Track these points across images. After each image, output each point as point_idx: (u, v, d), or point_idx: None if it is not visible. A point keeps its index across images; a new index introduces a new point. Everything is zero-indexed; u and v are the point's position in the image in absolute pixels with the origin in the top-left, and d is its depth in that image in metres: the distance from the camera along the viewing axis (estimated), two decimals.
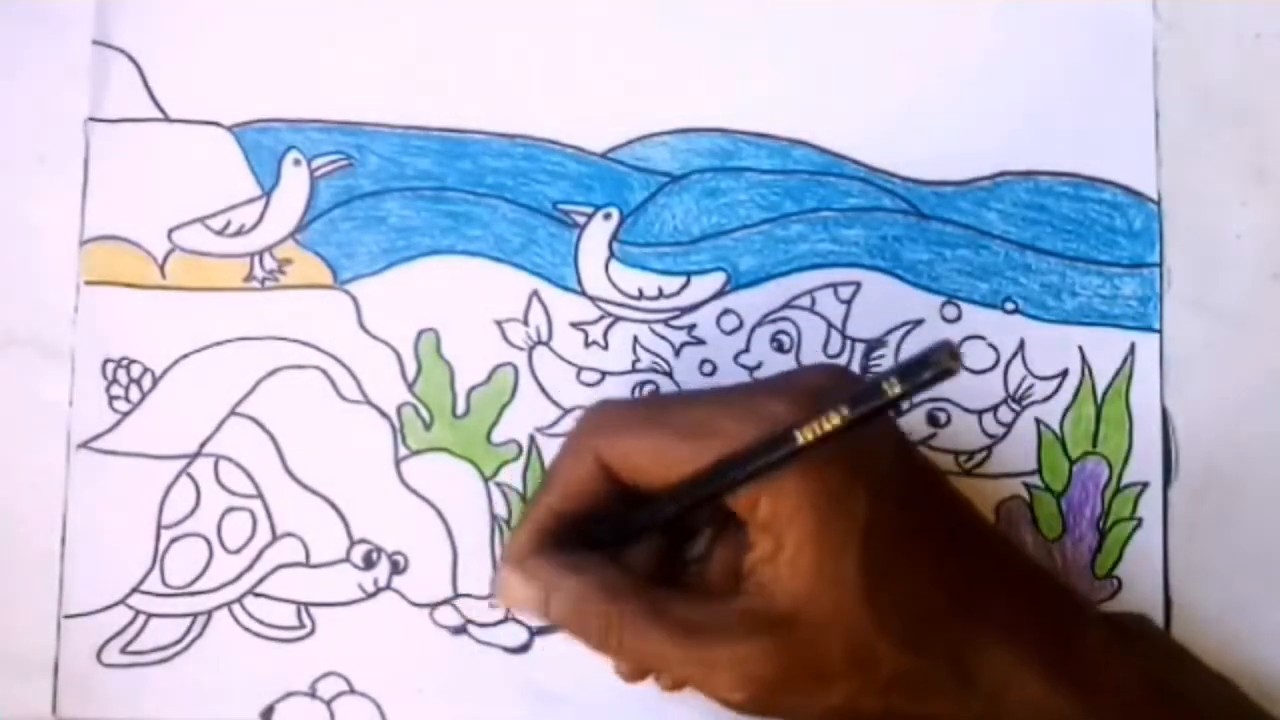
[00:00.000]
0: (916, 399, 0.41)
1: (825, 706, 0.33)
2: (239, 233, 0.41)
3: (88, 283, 0.40)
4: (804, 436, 0.31)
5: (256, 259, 0.41)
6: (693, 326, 0.41)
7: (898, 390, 0.30)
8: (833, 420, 0.31)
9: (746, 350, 0.41)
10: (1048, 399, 0.41)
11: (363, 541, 0.40)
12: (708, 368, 0.41)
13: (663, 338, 0.41)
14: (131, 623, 0.39)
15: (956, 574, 0.34)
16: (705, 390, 0.40)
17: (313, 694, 0.39)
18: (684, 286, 0.41)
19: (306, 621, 0.40)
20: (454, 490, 0.40)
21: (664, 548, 0.37)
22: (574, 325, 0.41)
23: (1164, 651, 0.37)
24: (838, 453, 0.32)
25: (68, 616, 0.39)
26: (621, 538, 0.36)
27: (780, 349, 0.41)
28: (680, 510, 0.34)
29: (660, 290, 0.41)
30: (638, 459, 0.34)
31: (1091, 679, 0.34)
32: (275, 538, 0.40)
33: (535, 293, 0.41)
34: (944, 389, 0.41)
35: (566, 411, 0.40)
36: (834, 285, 0.41)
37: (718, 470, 0.33)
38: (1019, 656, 0.33)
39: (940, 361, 0.29)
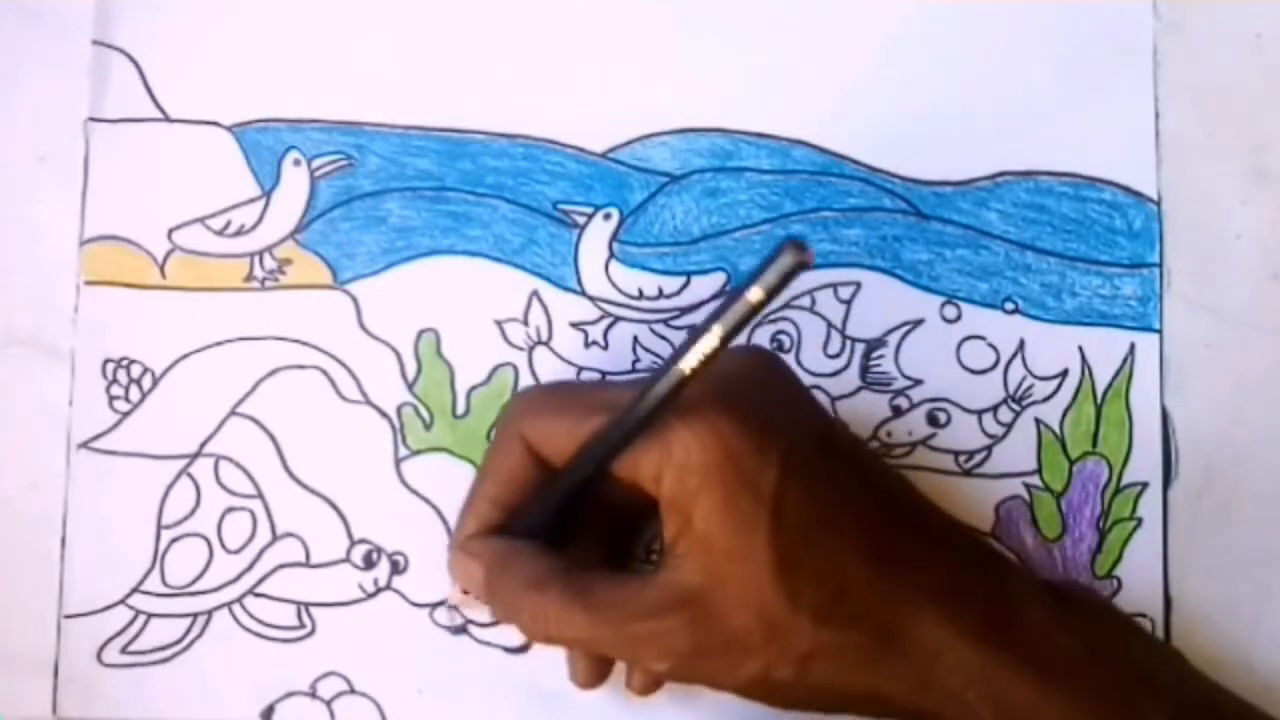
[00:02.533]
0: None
1: (743, 678, 0.33)
2: (239, 233, 0.41)
3: (88, 283, 0.40)
4: (687, 366, 0.31)
5: (256, 259, 0.41)
6: (693, 327, 0.41)
7: (760, 296, 0.30)
8: (710, 343, 0.31)
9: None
10: (1048, 399, 0.41)
11: (363, 541, 0.40)
12: None
13: (663, 338, 0.41)
14: (131, 623, 0.39)
15: (881, 545, 0.33)
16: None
17: (313, 694, 0.39)
18: (684, 286, 0.41)
19: (306, 621, 0.40)
20: (454, 490, 0.40)
21: (610, 539, 0.37)
22: (574, 325, 0.41)
23: (1107, 619, 0.37)
24: (744, 427, 0.32)
25: (68, 616, 0.39)
26: (548, 521, 0.36)
27: (780, 349, 0.41)
28: (585, 473, 0.34)
29: (660, 290, 0.41)
30: (555, 438, 0.34)
31: (1031, 646, 0.33)
32: (275, 538, 0.40)
33: (535, 293, 0.41)
34: (944, 389, 0.41)
35: None
36: (834, 285, 0.41)
37: (614, 425, 0.33)
38: (953, 625, 0.33)
39: (788, 260, 0.29)
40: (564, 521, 0.36)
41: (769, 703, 0.34)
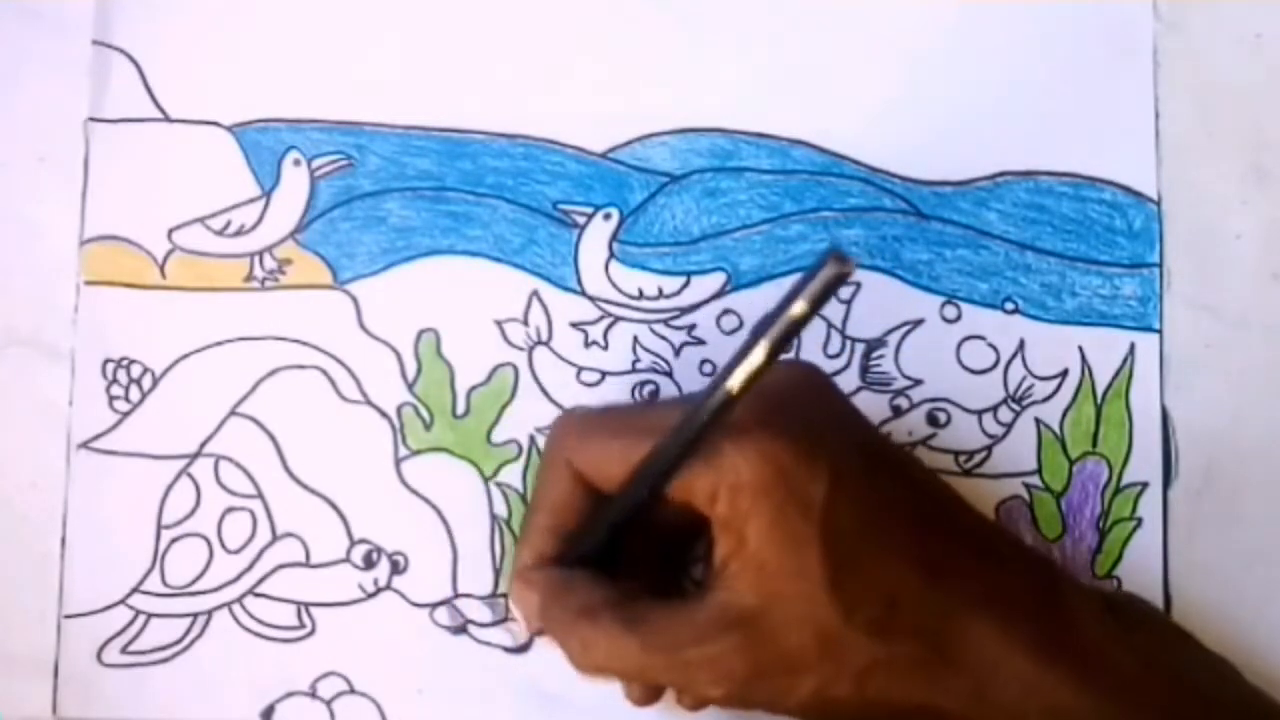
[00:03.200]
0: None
1: (800, 698, 0.33)
2: (239, 233, 0.41)
3: (88, 283, 0.40)
4: (735, 384, 0.31)
5: (256, 259, 0.41)
6: (693, 327, 0.41)
7: (803, 309, 0.29)
8: (757, 359, 0.31)
9: None
10: (1048, 399, 0.41)
11: (363, 541, 0.40)
12: (708, 368, 0.41)
13: (663, 338, 0.41)
14: (131, 623, 0.39)
15: (932, 553, 0.33)
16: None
17: (313, 694, 0.39)
18: (684, 286, 0.41)
19: (306, 621, 0.40)
20: (454, 490, 0.40)
21: (663, 563, 0.37)
22: (574, 325, 0.41)
23: (1161, 630, 0.37)
24: (793, 444, 0.32)
25: (68, 616, 0.39)
26: (601, 547, 0.35)
27: None
28: (638, 498, 0.34)
29: (660, 290, 0.41)
30: (605, 463, 0.34)
31: (1086, 656, 0.33)
32: (275, 538, 0.40)
33: (535, 293, 0.41)
34: (944, 389, 0.41)
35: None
36: None
37: (662, 450, 0.33)
38: (1007, 634, 0.33)
39: (830, 271, 0.29)
40: (618, 541, 0.36)
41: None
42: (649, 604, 0.34)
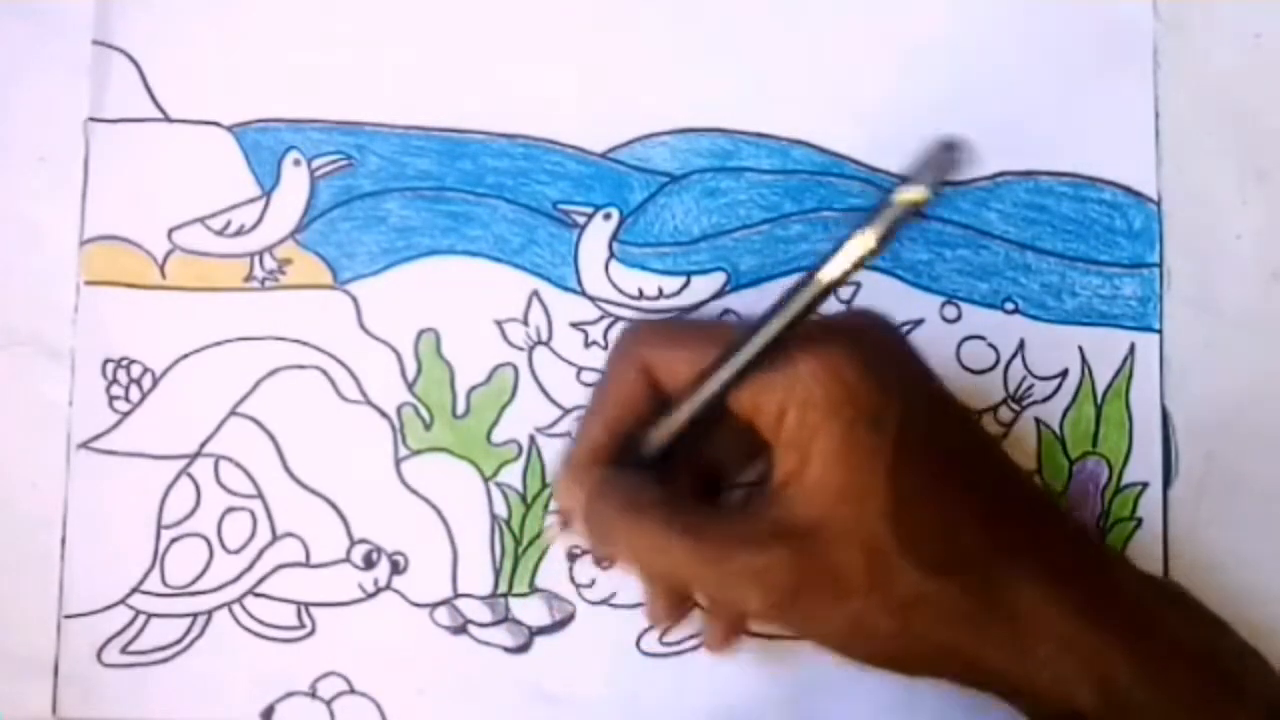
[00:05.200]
0: None
1: (841, 620, 0.32)
2: (239, 233, 0.41)
3: (88, 283, 0.40)
4: (827, 274, 0.29)
5: (256, 259, 0.41)
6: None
7: (921, 193, 0.28)
8: (857, 247, 0.29)
9: None
10: (1048, 399, 0.41)
11: (363, 541, 0.40)
12: None
13: None
14: (131, 623, 0.39)
15: (988, 506, 0.33)
16: None
17: (313, 694, 0.39)
18: (684, 286, 0.41)
19: (306, 621, 0.40)
20: (454, 490, 0.40)
21: (702, 488, 0.37)
22: (574, 325, 0.41)
23: (1202, 615, 0.37)
24: (868, 370, 0.32)
25: (68, 616, 0.39)
26: (660, 446, 0.35)
27: None
28: (706, 400, 0.33)
29: (660, 290, 0.41)
30: (676, 365, 0.34)
31: (1131, 628, 0.33)
32: (275, 538, 0.40)
33: (535, 293, 0.41)
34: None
35: (566, 411, 0.40)
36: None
37: (738, 346, 0.32)
38: (1053, 592, 0.32)
39: (939, 157, 0.27)
40: (666, 463, 0.35)
41: (860, 654, 0.34)
42: (697, 506, 0.34)
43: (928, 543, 0.32)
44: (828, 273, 0.30)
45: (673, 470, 0.36)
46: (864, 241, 0.29)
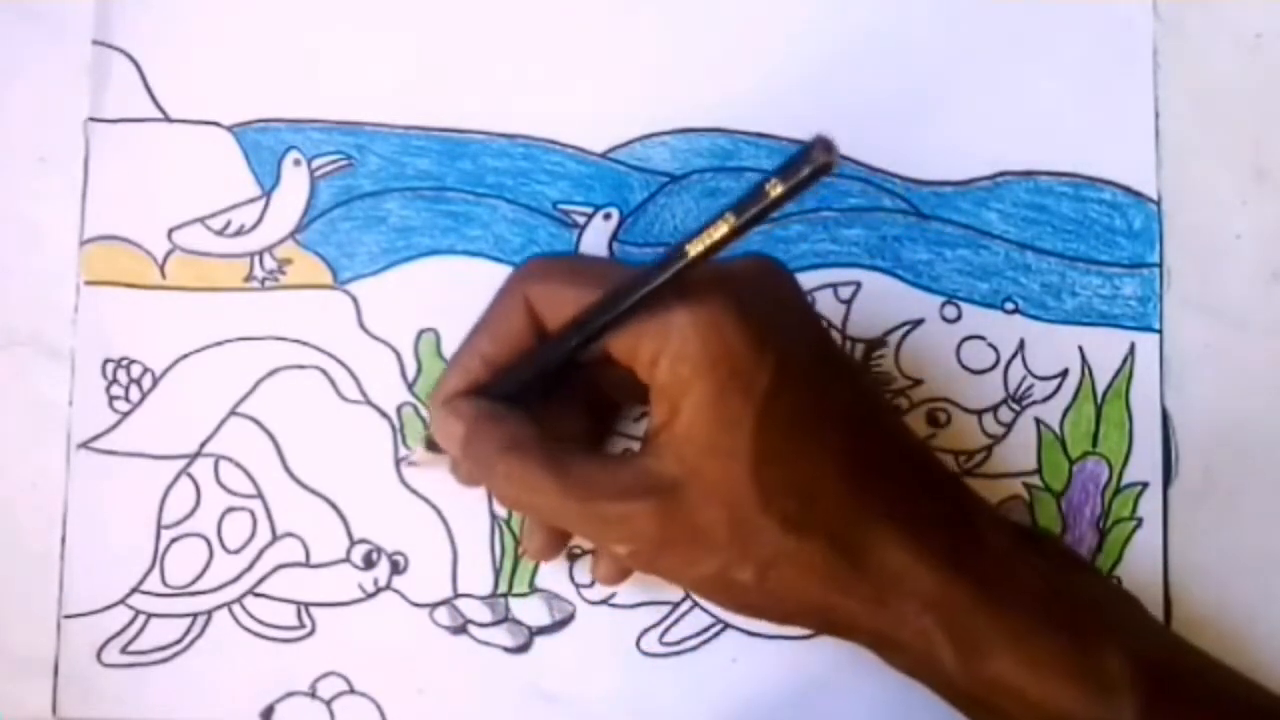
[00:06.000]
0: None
1: (702, 573, 0.33)
2: (239, 233, 0.41)
3: (88, 283, 0.40)
4: (694, 249, 0.31)
5: (256, 259, 0.41)
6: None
7: (780, 190, 0.29)
8: (720, 230, 0.30)
9: None
10: (1048, 399, 0.41)
11: (363, 541, 0.40)
12: None
13: None
14: (131, 623, 0.39)
15: (857, 461, 0.33)
16: None
17: (313, 694, 0.39)
18: None
19: (306, 621, 0.40)
20: (454, 490, 0.40)
21: (584, 428, 0.38)
22: None
23: (1071, 562, 0.37)
24: (745, 327, 0.32)
25: (68, 616, 0.39)
26: (529, 389, 0.35)
27: None
28: (578, 340, 0.33)
29: None
30: (559, 303, 0.34)
31: (993, 576, 0.34)
32: (275, 538, 0.40)
33: None
34: (944, 389, 0.41)
35: None
36: (834, 285, 0.41)
37: (615, 296, 0.33)
38: (917, 549, 0.33)
39: (815, 158, 0.28)
40: (544, 396, 0.36)
41: (724, 604, 0.35)
42: (575, 450, 0.34)
43: (790, 501, 0.32)
44: (692, 247, 0.31)
45: (557, 408, 0.36)
46: (721, 227, 0.30)
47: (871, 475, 0.34)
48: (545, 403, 0.36)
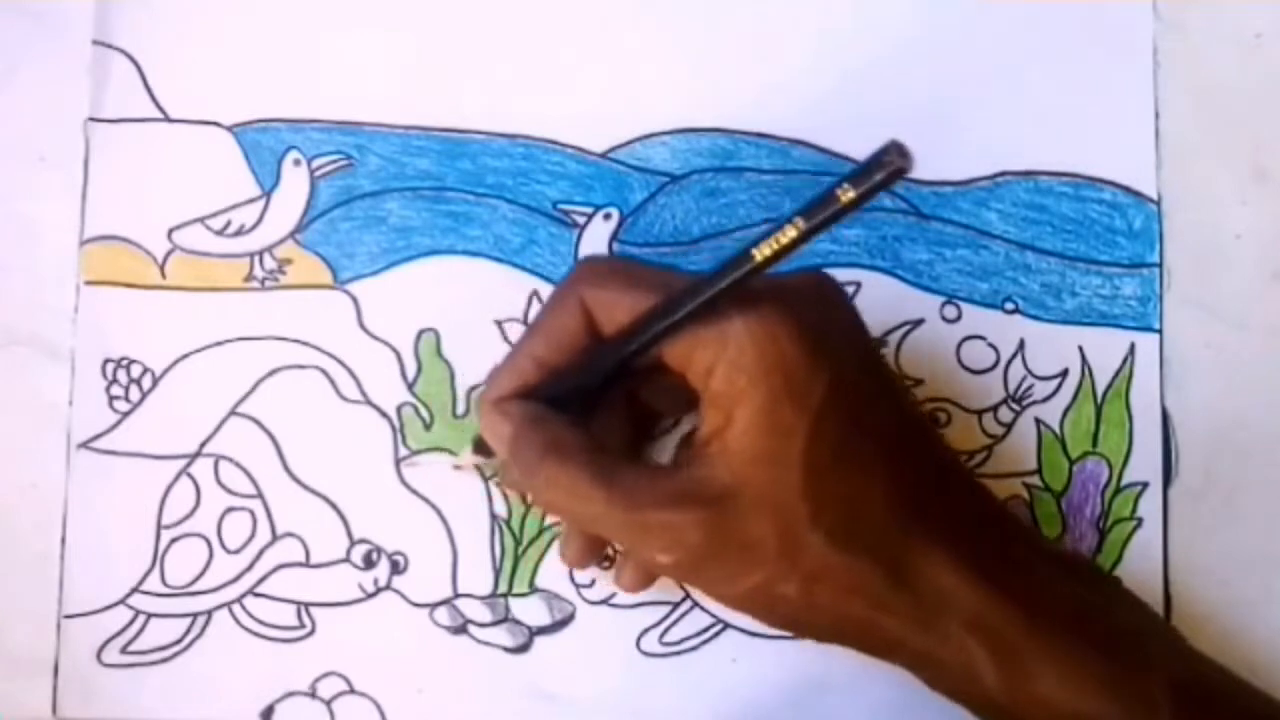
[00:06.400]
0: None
1: (746, 586, 0.33)
2: (239, 233, 0.41)
3: (88, 283, 0.40)
4: (760, 253, 0.31)
5: (256, 259, 0.41)
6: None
7: (851, 195, 0.29)
8: (788, 233, 0.30)
9: None
10: (1048, 399, 0.41)
11: (363, 541, 0.40)
12: None
13: None
14: (131, 623, 0.39)
15: (904, 480, 0.33)
16: None
17: (313, 694, 0.39)
18: None
19: (306, 621, 0.40)
20: (454, 490, 0.40)
21: (627, 434, 0.37)
22: None
23: (1110, 586, 0.37)
24: (800, 339, 0.32)
25: (68, 616, 0.39)
26: (581, 396, 0.35)
27: None
28: (635, 348, 0.33)
29: None
30: (615, 308, 0.34)
31: (1036, 599, 0.33)
32: (275, 538, 0.40)
33: (535, 293, 0.41)
34: (944, 389, 0.41)
35: None
36: None
37: (672, 302, 0.32)
38: (961, 568, 0.33)
39: (890, 162, 0.28)
40: (593, 404, 0.35)
41: (766, 619, 0.34)
42: (621, 459, 0.34)
43: (838, 517, 0.32)
44: (759, 250, 0.31)
45: (602, 415, 0.36)
46: (789, 231, 0.30)
47: (917, 493, 0.33)
48: (592, 409, 0.36)
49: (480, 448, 0.38)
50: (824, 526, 0.32)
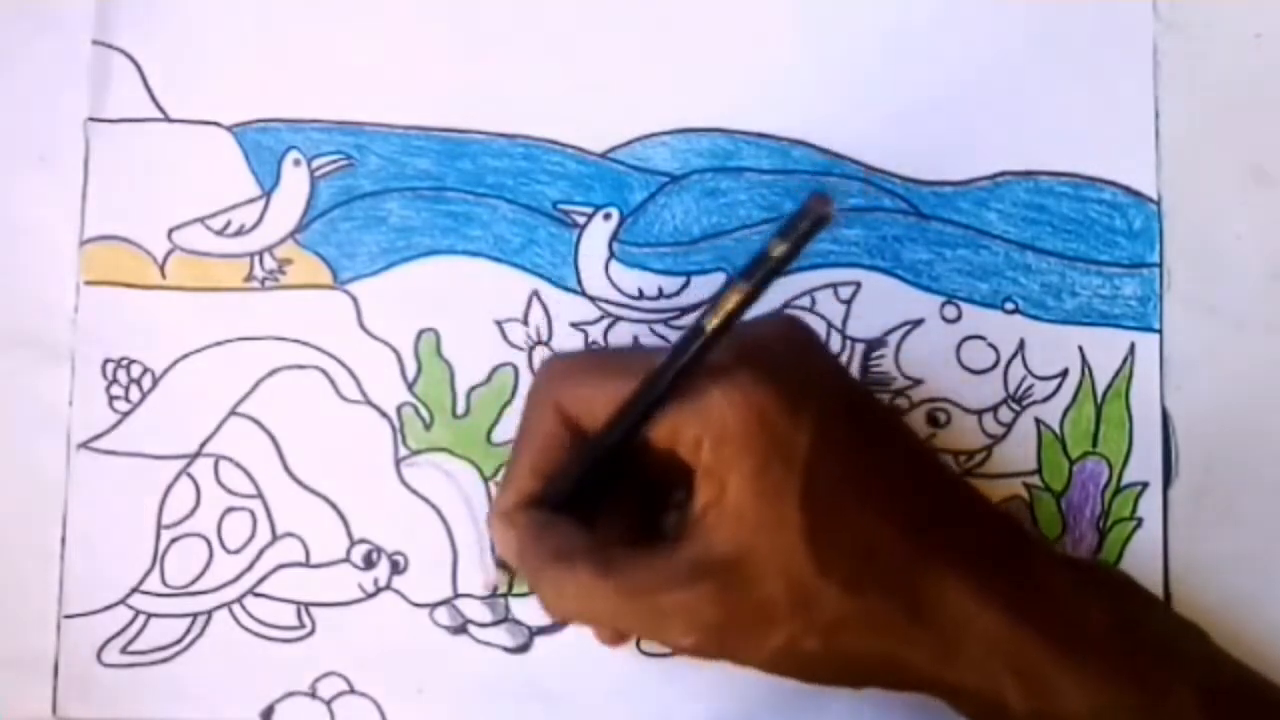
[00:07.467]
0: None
1: (769, 650, 0.33)
2: (239, 233, 0.41)
3: (88, 283, 0.40)
4: (709, 323, 0.31)
5: (256, 259, 0.41)
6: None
7: (782, 249, 0.30)
8: (732, 299, 0.31)
9: None
10: (1048, 399, 0.41)
11: (363, 541, 0.40)
12: None
13: (663, 338, 0.41)
14: (131, 623, 0.39)
15: (910, 509, 0.33)
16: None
17: (313, 694, 0.39)
18: (684, 286, 0.41)
19: (306, 621, 0.40)
20: (454, 490, 0.40)
21: (640, 513, 0.37)
22: (574, 325, 0.41)
23: (1133, 595, 0.37)
24: (778, 394, 0.32)
25: (68, 616, 0.39)
26: (583, 487, 0.35)
27: None
28: (619, 438, 0.34)
29: (660, 290, 0.41)
30: (589, 403, 0.34)
31: (1057, 618, 0.33)
32: (275, 538, 0.40)
33: (535, 293, 0.41)
34: (944, 389, 0.41)
35: None
36: (834, 285, 0.41)
37: (646, 387, 0.33)
38: (978, 592, 0.33)
39: (813, 211, 0.29)
40: (599, 488, 0.36)
41: (798, 677, 0.34)
42: (624, 551, 0.34)
43: (846, 562, 0.32)
44: (708, 321, 0.31)
45: (605, 505, 0.36)
46: (733, 297, 0.31)
47: (924, 523, 0.33)
48: (603, 495, 0.36)
49: (501, 563, 0.39)
50: (835, 575, 0.32)
